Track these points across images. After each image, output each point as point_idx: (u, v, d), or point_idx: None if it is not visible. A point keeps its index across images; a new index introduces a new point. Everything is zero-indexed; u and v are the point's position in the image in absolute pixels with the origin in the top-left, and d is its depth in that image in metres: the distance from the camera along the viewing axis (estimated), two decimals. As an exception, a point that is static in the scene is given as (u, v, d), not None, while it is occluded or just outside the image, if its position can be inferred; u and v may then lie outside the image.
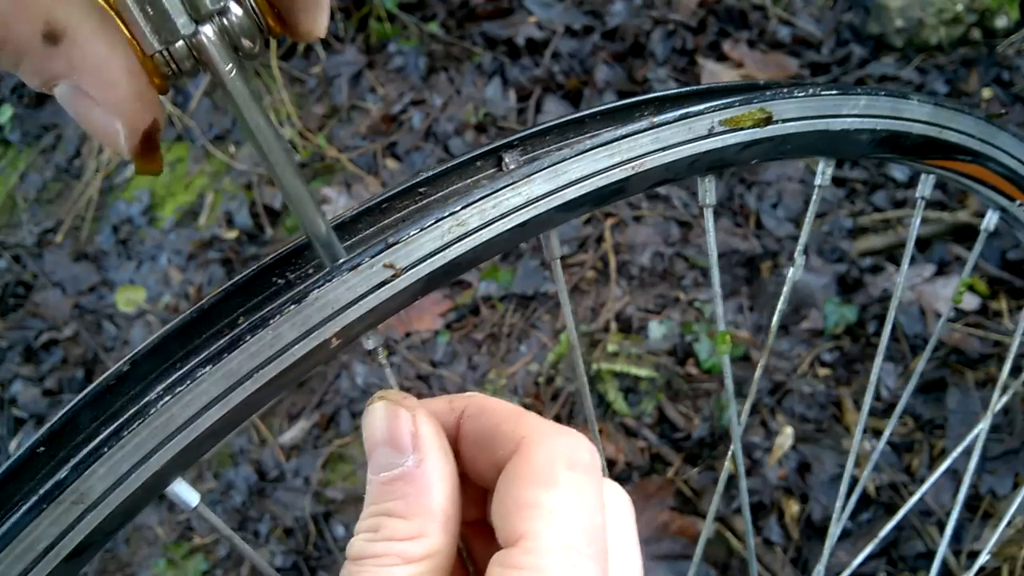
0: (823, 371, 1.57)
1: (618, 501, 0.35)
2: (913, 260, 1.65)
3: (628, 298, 1.70)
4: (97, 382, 0.28)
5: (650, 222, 1.81)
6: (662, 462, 1.51)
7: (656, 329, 1.63)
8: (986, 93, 1.86)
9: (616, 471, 1.50)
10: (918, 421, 1.49)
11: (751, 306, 1.66)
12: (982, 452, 1.42)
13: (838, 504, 0.54)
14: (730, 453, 0.47)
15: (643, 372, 1.57)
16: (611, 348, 1.61)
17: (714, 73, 1.99)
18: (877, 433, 1.49)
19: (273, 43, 2.28)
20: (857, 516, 1.40)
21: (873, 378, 0.51)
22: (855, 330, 1.60)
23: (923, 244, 1.67)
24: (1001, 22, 1.93)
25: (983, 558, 0.74)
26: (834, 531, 0.51)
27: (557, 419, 1.59)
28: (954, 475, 1.41)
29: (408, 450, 0.31)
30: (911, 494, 1.41)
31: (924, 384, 1.52)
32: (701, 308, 1.66)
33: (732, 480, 1.46)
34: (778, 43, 2.05)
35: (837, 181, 1.82)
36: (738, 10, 2.10)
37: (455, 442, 0.34)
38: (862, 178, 1.81)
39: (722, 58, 2.04)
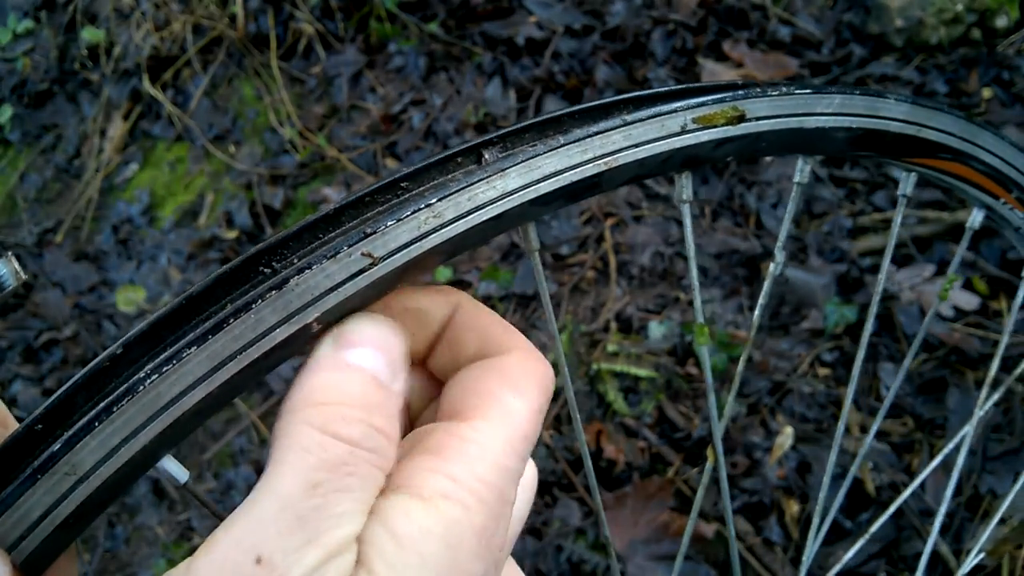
0: (823, 371, 1.57)
1: None
2: (913, 260, 1.65)
3: (628, 298, 1.70)
4: (91, 364, 0.30)
5: (650, 222, 1.81)
6: (662, 462, 1.51)
7: (656, 329, 1.63)
8: (986, 93, 1.86)
9: (616, 471, 1.50)
10: (918, 421, 1.49)
11: (751, 306, 1.66)
12: (983, 452, 1.42)
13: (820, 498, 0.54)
14: (709, 448, 0.47)
15: (643, 372, 1.57)
16: (611, 348, 1.61)
17: (714, 73, 1.99)
18: (876, 432, 1.49)
19: (273, 43, 2.28)
20: (857, 516, 1.40)
21: (854, 375, 0.51)
22: (855, 330, 1.60)
23: (922, 244, 1.67)
24: (1001, 22, 1.93)
25: (974, 556, 0.75)
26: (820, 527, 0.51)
27: (557, 419, 1.59)
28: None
29: (398, 373, 0.32)
30: (911, 494, 1.41)
31: (924, 384, 1.52)
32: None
33: (729, 479, 1.46)
34: (778, 43, 2.05)
35: (837, 181, 1.82)
36: (738, 10, 2.10)
37: (440, 331, 0.35)
38: (862, 178, 1.80)
39: (722, 58, 2.04)
